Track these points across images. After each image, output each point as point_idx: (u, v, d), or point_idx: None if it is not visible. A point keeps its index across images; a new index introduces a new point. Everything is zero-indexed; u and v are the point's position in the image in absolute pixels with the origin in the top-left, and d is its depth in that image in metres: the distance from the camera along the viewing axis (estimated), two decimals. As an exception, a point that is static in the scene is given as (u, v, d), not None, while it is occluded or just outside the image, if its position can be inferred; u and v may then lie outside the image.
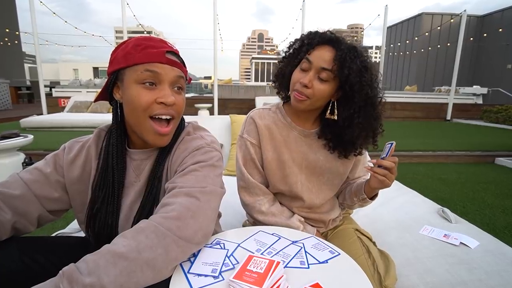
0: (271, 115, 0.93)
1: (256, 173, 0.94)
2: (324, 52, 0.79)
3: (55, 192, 0.71)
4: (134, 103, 0.66)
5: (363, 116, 0.81)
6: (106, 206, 0.71)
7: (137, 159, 0.74)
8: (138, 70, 0.65)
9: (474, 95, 10.32)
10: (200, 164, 0.68)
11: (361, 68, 0.77)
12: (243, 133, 0.94)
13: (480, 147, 4.19)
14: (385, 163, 0.78)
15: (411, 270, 0.97)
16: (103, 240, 0.57)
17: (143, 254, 0.53)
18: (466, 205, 2.43)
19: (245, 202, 0.95)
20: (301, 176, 0.93)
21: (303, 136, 0.92)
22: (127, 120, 0.71)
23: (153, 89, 0.66)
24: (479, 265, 0.98)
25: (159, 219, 0.58)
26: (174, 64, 0.68)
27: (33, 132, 3.12)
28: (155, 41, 0.68)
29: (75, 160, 0.74)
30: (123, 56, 0.66)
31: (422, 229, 1.21)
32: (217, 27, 6.44)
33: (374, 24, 8.38)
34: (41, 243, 0.71)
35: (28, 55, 27.29)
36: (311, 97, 0.81)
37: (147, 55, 0.65)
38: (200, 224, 0.61)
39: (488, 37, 17.30)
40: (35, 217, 0.68)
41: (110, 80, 0.68)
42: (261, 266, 0.59)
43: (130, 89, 0.66)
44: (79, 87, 9.11)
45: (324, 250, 0.71)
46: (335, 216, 1.02)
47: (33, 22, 5.89)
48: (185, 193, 0.62)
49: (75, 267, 0.50)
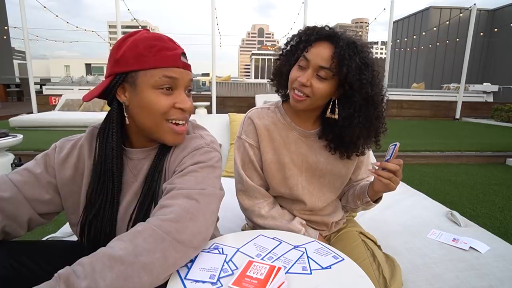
0: (270, 115, 0.93)
1: (255, 176, 0.94)
2: (322, 49, 0.79)
3: (46, 194, 0.70)
4: (151, 108, 0.67)
5: (363, 115, 0.81)
6: (103, 212, 0.70)
7: (135, 158, 0.74)
8: (155, 76, 0.65)
9: (484, 93, 10.33)
10: (199, 165, 0.68)
11: (361, 65, 0.76)
12: (241, 134, 0.94)
13: (491, 147, 4.19)
14: (390, 166, 0.77)
15: (418, 276, 0.97)
16: (98, 245, 0.57)
17: (140, 258, 0.53)
18: (476, 208, 2.43)
19: (244, 206, 0.95)
20: (301, 178, 0.93)
21: (303, 136, 0.92)
22: (138, 123, 0.70)
23: (170, 94, 0.69)
24: (489, 271, 0.98)
25: (157, 222, 0.58)
26: (188, 67, 0.71)
27: (23, 132, 3.12)
28: (166, 41, 0.68)
29: (67, 160, 0.73)
30: (134, 57, 0.65)
31: (430, 233, 1.21)
32: (215, 21, 6.44)
33: (379, 18, 8.39)
34: (31, 248, 0.71)
35: (18, 51, 27.32)
36: (310, 96, 0.81)
37: (164, 59, 0.66)
38: (199, 227, 0.61)
39: (499, 32, 17.30)
40: (25, 220, 0.68)
41: (114, 80, 0.67)
42: (262, 272, 0.59)
43: (146, 93, 0.66)
44: (70, 84, 9.10)
45: (327, 255, 0.71)
46: (338, 219, 1.02)
47: (23, 16, 5.89)
48: (185, 195, 0.62)
49: (71, 270, 0.50)
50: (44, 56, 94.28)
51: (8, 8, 13.93)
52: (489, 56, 20.68)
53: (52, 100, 7.12)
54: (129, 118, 0.71)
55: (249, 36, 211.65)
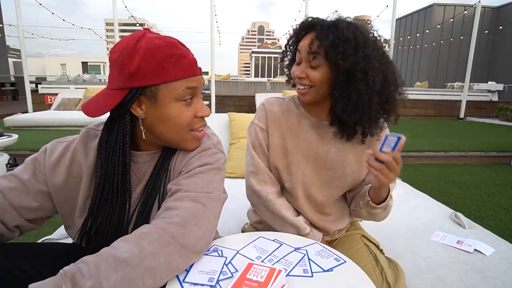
0: (283, 103, 0.98)
1: (264, 160, 0.97)
2: (307, 39, 0.83)
3: (34, 201, 0.68)
4: (176, 121, 0.67)
5: (348, 90, 0.80)
6: (109, 224, 0.69)
7: (140, 161, 0.73)
8: (177, 88, 0.65)
9: (489, 92, 10.33)
10: (206, 166, 0.69)
11: (337, 42, 0.77)
12: (254, 119, 0.99)
13: (496, 147, 4.19)
14: (381, 156, 0.72)
15: (422, 279, 0.97)
16: (99, 249, 0.56)
17: (145, 261, 0.53)
18: (481, 209, 2.43)
19: (253, 189, 0.95)
20: (306, 166, 0.93)
21: (315, 126, 0.94)
22: (158, 135, 0.69)
23: (191, 103, 0.69)
24: (494, 274, 0.98)
25: (163, 225, 0.58)
26: (201, 72, 0.71)
27: (18, 132, 3.12)
28: (178, 46, 0.66)
29: (59, 164, 0.70)
30: (153, 70, 0.62)
31: (433, 235, 1.21)
32: (215, 19, 6.45)
33: (382, 16, 8.38)
34: (26, 250, 0.70)
35: (13, 49, 27.31)
36: (312, 86, 0.84)
37: (184, 69, 0.65)
38: (203, 232, 0.62)
39: (504, 30, 17.31)
40: (12, 226, 0.67)
41: (130, 95, 0.63)
42: (262, 275, 0.59)
43: (169, 107, 0.66)
44: (67, 83, 9.09)
45: (329, 257, 0.71)
46: (341, 227, 1.01)
47: (18, 13, 5.89)
48: (191, 197, 0.63)
49: (76, 268, 0.50)
50: (40, 54, 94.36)
51: (2, 5, 13.91)
52: (494, 54, 20.68)
53: (48, 99, 7.11)
54: (146, 131, 0.69)
55: (249, 34, 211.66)
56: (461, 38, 14.17)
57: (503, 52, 19.88)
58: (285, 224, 0.91)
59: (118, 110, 0.65)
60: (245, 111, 0.95)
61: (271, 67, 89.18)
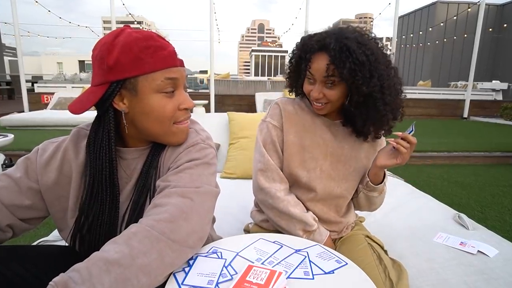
0: (295, 103, 1.03)
1: (275, 157, 0.99)
2: (319, 61, 0.86)
3: (26, 199, 0.69)
4: (158, 114, 0.67)
5: (366, 108, 0.87)
6: (100, 223, 0.69)
7: (128, 158, 0.74)
8: (156, 79, 0.65)
9: (493, 91, 10.34)
10: (195, 162, 0.69)
11: (354, 67, 0.81)
12: (266, 118, 1.02)
13: (500, 147, 4.20)
14: (411, 138, 0.85)
15: (424, 280, 0.97)
16: (92, 251, 0.56)
17: (137, 260, 0.53)
18: (485, 210, 2.43)
19: (261, 186, 0.96)
20: (324, 162, 0.97)
21: (328, 125, 0.99)
22: (142, 129, 0.70)
23: (173, 96, 0.69)
24: (498, 276, 0.98)
25: (151, 222, 0.58)
26: (183, 64, 0.71)
27: (14, 131, 3.13)
28: (156, 38, 0.67)
29: (50, 163, 0.71)
30: (131, 62, 0.63)
31: (436, 236, 1.21)
32: (214, 16, 6.45)
33: (384, 13, 8.41)
34: (20, 253, 0.70)
35: (8, 47, 27.32)
36: (328, 102, 0.90)
37: (162, 60, 0.65)
38: (193, 226, 0.62)
39: (509, 28, 17.32)
40: (4, 226, 0.67)
41: (110, 89, 0.64)
42: (262, 277, 0.59)
43: (150, 99, 0.66)
44: (63, 82, 9.10)
45: (330, 259, 0.71)
46: (351, 221, 1.06)
47: (14, 11, 5.90)
48: (179, 193, 0.63)
49: (68, 277, 0.50)
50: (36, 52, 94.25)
51: (-2, 3, 13.93)
52: (498, 53, 20.70)
53: (44, 98, 7.11)
54: (129, 126, 0.70)
55: (249, 32, 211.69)
56: (464, 36, 14.17)
57: (507, 51, 19.87)
58: (292, 220, 0.93)
59: (101, 105, 0.66)
60: (245, 111, 0.95)
61: (271, 65, 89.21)
